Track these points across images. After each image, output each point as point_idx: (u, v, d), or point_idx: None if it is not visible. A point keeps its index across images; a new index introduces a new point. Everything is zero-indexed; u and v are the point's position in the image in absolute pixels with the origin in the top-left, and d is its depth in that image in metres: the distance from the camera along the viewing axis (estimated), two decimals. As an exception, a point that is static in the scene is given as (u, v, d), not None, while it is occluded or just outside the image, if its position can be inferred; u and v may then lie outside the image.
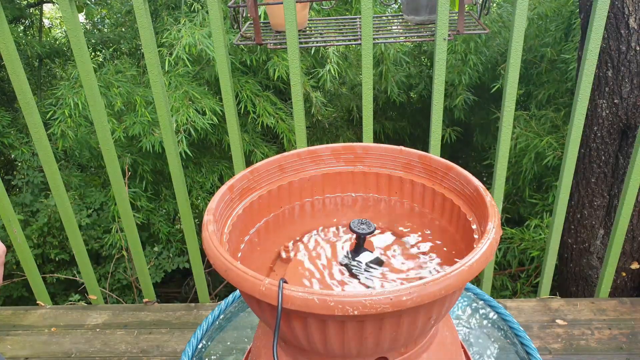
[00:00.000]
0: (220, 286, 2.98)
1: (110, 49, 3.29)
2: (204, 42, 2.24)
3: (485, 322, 1.09)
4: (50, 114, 2.38)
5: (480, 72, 2.70)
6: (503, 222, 2.65)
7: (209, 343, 1.07)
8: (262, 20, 1.63)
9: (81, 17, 3.82)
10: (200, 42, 2.24)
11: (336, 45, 2.35)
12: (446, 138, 2.99)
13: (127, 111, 2.52)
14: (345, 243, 0.85)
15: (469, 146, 3.39)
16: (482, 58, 2.67)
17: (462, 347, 0.95)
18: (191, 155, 2.42)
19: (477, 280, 2.04)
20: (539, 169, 2.48)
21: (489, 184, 1.49)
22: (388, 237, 0.87)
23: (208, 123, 2.34)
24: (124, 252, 2.60)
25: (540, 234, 2.38)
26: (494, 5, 2.93)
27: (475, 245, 0.64)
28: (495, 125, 1.35)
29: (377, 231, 0.87)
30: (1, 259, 0.72)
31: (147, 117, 2.35)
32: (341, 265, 0.79)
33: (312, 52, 2.45)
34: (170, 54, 2.27)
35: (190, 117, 2.28)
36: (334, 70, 2.37)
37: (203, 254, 1.71)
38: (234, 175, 0.86)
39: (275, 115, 2.55)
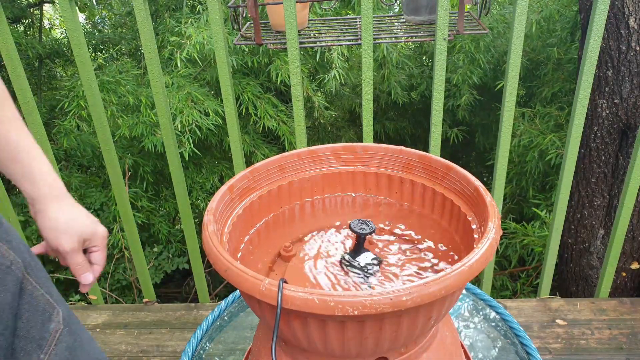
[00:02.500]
0: (220, 286, 2.98)
1: (114, 49, 3.30)
2: (211, 42, 2.25)
3: (485, 322, 1.09)
4: (66, 105, 2.39)
5: (483, 72, 2.70)
6: (509, 221, 2.65)
7: (209, 343, 1.08)
8: (262, 20, 1.63)
9: (81, 18, 3.82)
10: (207, 41, 2.25)
11: (336, 46, 2.35)
12: (452, 138, 2.99)
13: (130, 110, 2.53)
14: (345, 243, 0.85)
15: (470, 147, 3.39)
16: (487, 58, 2.66)
17: (462, 347, 0.95)
18: (199, 154, 2.42)
19: (477, 280, 2.04)
20: (542, 167, 2.48)
21: (490, 185, 1.49)
22: (388, 237, 0.87)
23: (212, 124, 2.35)
24: (125, 252, 2.61)
25: (544, 230, 2.38)
26: (495, 5, 2.93)
27: (475, 245, 0.64)
28: (497, 125, 1.35)
29: (376, 231, 0.87)
30: (104, 241, 0.78)
31: (152, 119, 2.36)
32: (341, 265, 0.79)
33: (317, 57, 2.45)
34: (180, 53, 2.28)
35: (194, 117, 2.28)
36: (339, 76, 2.37)
37: (203, 254, 1.72)
38: (234, 175, 0.86)
39: (277, 117, 2.55)
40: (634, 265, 1.94)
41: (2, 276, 0.60)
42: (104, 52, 3.43)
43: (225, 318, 1.14)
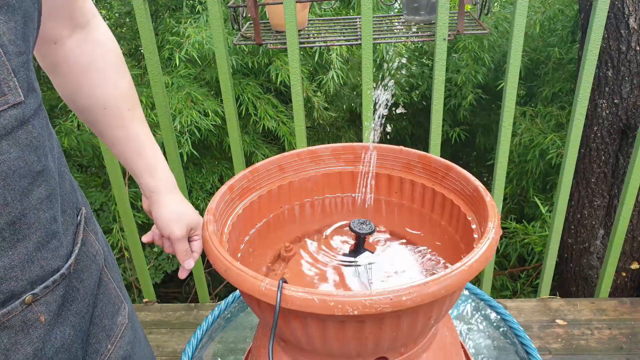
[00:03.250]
0: (220, 286, 2.98)
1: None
2: (210, 41, 2.25)
3: (485, 322, 1.09)
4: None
5: (487, 70, 2.70)
6: (510, 220, 2.65)
7: (209, 343, 1.07)
8: (262, 20, 1.63)
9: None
10: (207, 41, 2.25)
11: (336, 46, 2.35)
12: (453, 138, 2.99)
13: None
14: (345, 243, 0.85)
15: (471, 147, 3.39)
16: (490, 57, 2.66)
17: (462, 347, 0.95)
18: (197, 155, 2.42)
19: (477, 280, 2.04)
20: (543, 167, 2.48)
21: (490, 185, 1.49)
22: (388, 237, 0.87)
23: (211, 124, 2.35)
24: (125, 252, 2.61)
25: (545, 230, 2.38)
26: (496, 5, 2.93)
27: (475, 245, 0.64)
28: (498, 125, 1.36)
29: (377, 231, 0.87)
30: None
31: (151, 119, 2.35)
32: (341, 265, 0.79)
33: (316, 58, 2.45)
34: (179, 52, 2.28)
35: (193, 118, 2.28)
36: (338, 77, 2.37)
37: (203, 254, 1.71)
38: (234, 175, 0.86)
39: (277, 118, 2.55)
40: (634, 265, 1.94)
41: (89, 263, 0.64)
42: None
43: (226, 318, 1.14)
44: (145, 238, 0.87)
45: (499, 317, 1.09)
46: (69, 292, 0.60)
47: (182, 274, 0.88)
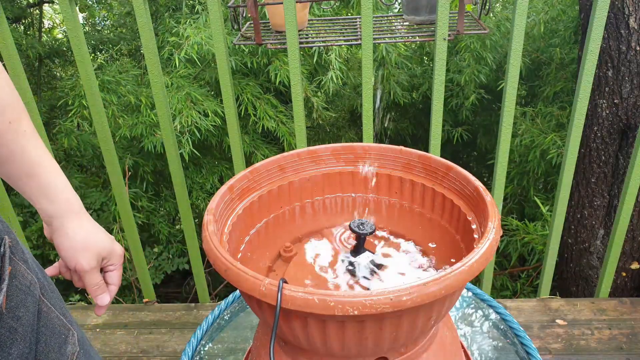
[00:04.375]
0: (220, 286, 2.98)
1: (115, 49, 3.31)
2: (210, 42, 2.25)
3: (485, 322, 1.09)
4: (70, 101, 2.40)
5: (488, 70, 2.70)
6: (513, 218, 2.65)
7: (209, 343, 1.08)
8: (262, 20, 1.62)
9: (81, 18, 3.82)
10: (206, 42, 2.26)
11: (336, 46, 2.35)
12: (456, 138, 2.99)
13: (130, 110, 2.53)
14: (345, 243, 0.85)
15: (471, 147, 3.39)
16: (491, 57, 2.66)
17: (462, 347, 0.95)
18: (199, 155, 2.43)
19: (477, 280, 2.04)
20: (544, 167, 2.49)
21: (490, 184, 1.49)
22: (388, 237, 0.87)
23: (211, 125, 2.35)
24: (125, 253, 2.60)
25: (546, 229, 2.38)
26: (497, 5, 2.93)
27: (475, 245, 0.64)
28: (499, 126, 1.36)
29: (377, 231, 0.87)
30: (121, 259, 0.76)
31: (151, 119, 2.36)
32: (341, 265, 0.79)
33: (315, 58, 2.45)
34: (179, 53, 2.28)
35: (193, 118, 2.28)
36: (337, 78, 2.37)
37: (203, 254, 1.72)
38: (234, 175, 0.86)
39: (276, 118, 2.55)
40: (634, 265, 1.94)
41: (23, 297, 0.57)
42: (103, 52, 3.44)
43: (225, 318, 1.14)
44: (50, 271, 0.75)
45: (499, 317, 1.09)
46: (6, 335, 0.54)
47: (98, 311, 0.76)
